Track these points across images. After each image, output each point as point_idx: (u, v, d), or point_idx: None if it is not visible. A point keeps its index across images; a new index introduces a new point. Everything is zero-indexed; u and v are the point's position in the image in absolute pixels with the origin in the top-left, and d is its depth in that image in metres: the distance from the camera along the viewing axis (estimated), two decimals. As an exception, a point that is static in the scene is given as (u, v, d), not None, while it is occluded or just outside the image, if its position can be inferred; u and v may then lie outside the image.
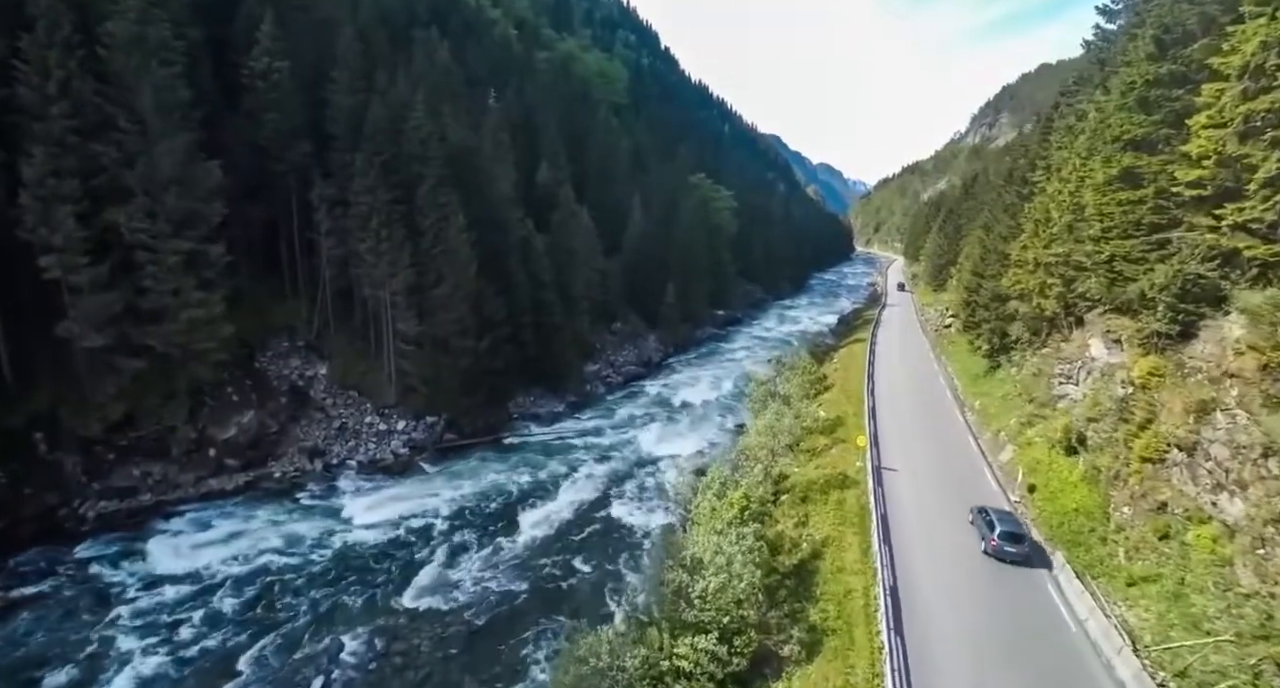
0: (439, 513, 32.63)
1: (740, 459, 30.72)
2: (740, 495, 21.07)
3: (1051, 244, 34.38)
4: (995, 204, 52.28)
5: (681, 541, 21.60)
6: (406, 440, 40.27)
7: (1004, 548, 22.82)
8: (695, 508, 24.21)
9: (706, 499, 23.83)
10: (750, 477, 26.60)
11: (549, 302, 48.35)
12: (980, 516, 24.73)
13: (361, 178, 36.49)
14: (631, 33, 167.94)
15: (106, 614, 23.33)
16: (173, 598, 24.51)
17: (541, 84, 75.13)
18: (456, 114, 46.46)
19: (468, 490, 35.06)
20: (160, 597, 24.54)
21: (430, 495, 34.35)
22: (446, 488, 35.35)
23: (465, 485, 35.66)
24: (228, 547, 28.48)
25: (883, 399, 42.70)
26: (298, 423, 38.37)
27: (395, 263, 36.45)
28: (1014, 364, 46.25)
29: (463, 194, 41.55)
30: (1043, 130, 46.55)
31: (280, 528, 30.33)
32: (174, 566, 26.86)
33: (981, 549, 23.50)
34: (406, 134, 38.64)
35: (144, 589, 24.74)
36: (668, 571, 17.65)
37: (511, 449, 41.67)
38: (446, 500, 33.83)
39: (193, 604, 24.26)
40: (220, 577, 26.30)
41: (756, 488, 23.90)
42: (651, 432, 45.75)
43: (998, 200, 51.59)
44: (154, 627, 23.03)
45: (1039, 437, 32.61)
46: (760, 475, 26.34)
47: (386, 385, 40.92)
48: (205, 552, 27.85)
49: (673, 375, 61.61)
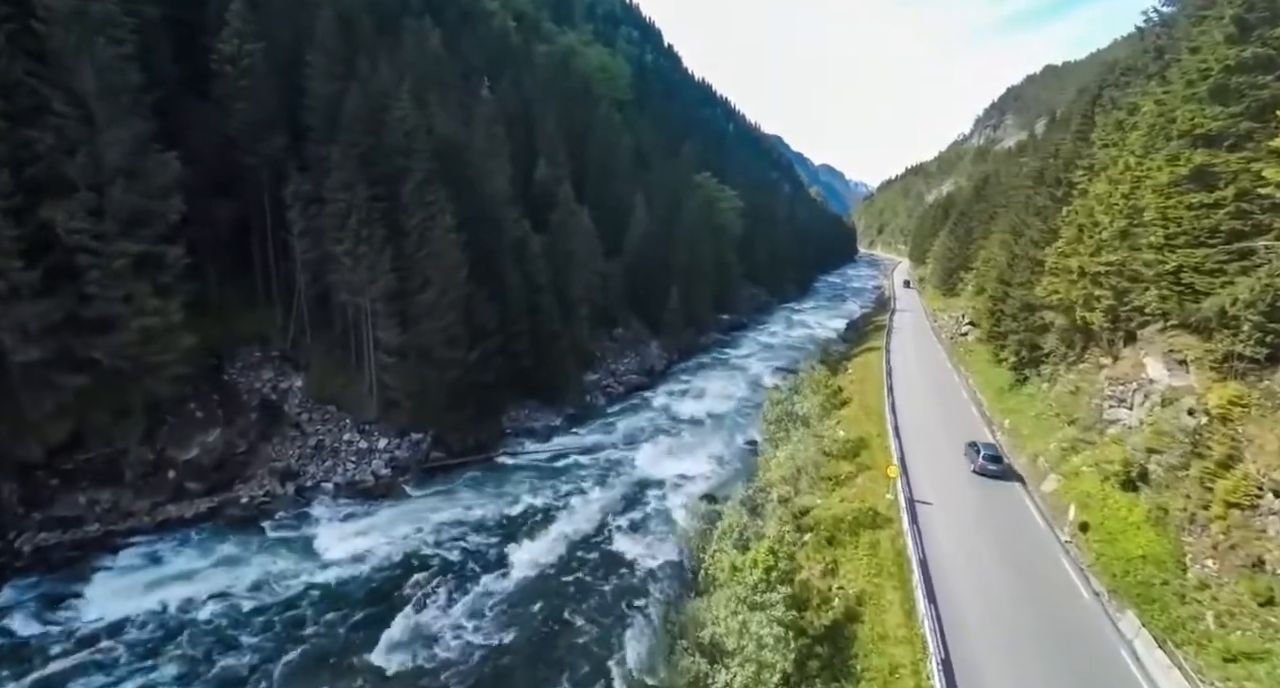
0: (420, 546, 29.32)
1: (758, 496, 27.37)
2: (765, 552, 17.79)
3: (1100, 251, 31.09)
4: (1023, 207, 48.95)
5: (696, 609, 18.33)
6: (389, 460, 36.94)
7: (987, 467, 30.66)
8: (711, 559, 20.91)
9: (724, 549, 20.57)
10: (773, 521, 23.26)
11: (546, 307, 45.04)
12: (970, 447, 32.46)
13: (338, 172, 33.19)
14: (634, 29, 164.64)
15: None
16: (103, 658, 21.17)
17: (540, 77, 71.78)
18: (447, 105, 43.14)
19: (453, 519, 31.74)
20: (87, 655, 21.19)
21: (412, 525, 31.03)
22: (430, 515, 32.04)
23: (451, 513, 32.35)
24: (178, 588, 25.13)
25: (905, 417, 39.39)
26: (269, 441, 35.03)
27: (375, 266, 33.12)
28: (1045, 379, 43.01)
29: (452, 191, 38.21)
30: (1078, 127, 43.19)
31: (241, 565, 27.01)
32: (112, 611, 23.52)
33: (971, 469, 31.12)
34: (389, 125, 35.31)
35: (68, 648, 21.37)
36: (683, 654, 14.41)
37: (504, 469, 38.36)
38: (429, 531, 30.52)
39: (124, 667, 20.90)
40: (163, 628, 22.96)
41: (782, 540, 20.53)
42: (655, 449, 42.45)
43: (1026, 203, 48.27)
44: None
45: (1088, 466, 29.31)
46: (784, 520, 22.99)
47: (368, 399, 37.61)
48: (151, 596, 24.50)
49: (677, 385, 58.31)
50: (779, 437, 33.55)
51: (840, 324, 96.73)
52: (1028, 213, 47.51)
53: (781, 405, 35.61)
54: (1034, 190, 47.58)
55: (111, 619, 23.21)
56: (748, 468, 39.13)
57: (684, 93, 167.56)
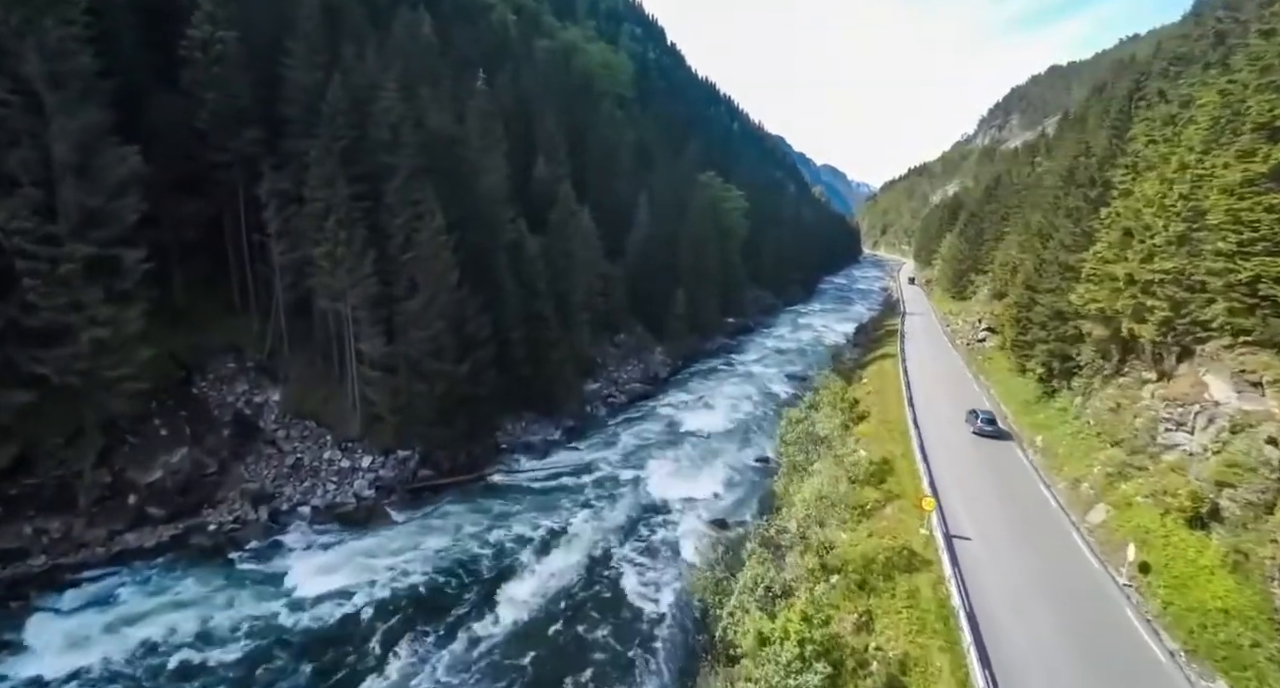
0: (402, 581, 26.50)
1: (779, 535, 24.51)
2: (798, 619, 14.94)
3: (1153, 258, 28.23)
4: (1050, 208, 46.07)
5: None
6: (373, 480, 34.15)
7: (984, 429, 35.80)
8: (731, 620, 18.03)
9: (746, 608, 17.74)
10: (799, 569, 20.40)
11: (544, 314, 42.25)
12: (970, 413, 37.37)
13: (317, 168, 30.42)
14: (637, 26, 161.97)
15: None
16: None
17: (540, 72, 69.03)
18: (440, 99, 40.34)
19: (440, 549, 28.93)
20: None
21: (394, 556, 28.22)
22: (415, 545, 29.23)
23: (438, 541, 29.54)
24: (128, 634, 22.34)
25: (930, 435, 36.53)
26: (242, 460, 32.27)
27: (356, 271, 30.34)
28: (1076, 392, 40.12)
29: (443, 190, 35.44)
30: (1113, 123, 40.32)
31: (201, 605, 24.20)
32: (52, 666, 20.77)
33: (971, 431, 36.21)
34: (374, 118, 32.53)
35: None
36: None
37: (497, 490, 35.54)
38: (413, 564, 27.70)
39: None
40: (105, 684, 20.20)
41: (816, 603, 17.66)
42: (660, 467, 39.64)
43: (1054, 204, 45.37)
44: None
45: (1143, 497, 26.46)
46: (814, 572, 20.13)
47: (351, 414, 34.83)
48: (97, 646, 21.71)
49: (681, 393, 55.46)
50: (798, 460, 30.69)
51: (848, 328, 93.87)
52: (1056, 214, 44.61)
53: (801, 425, 32.71)
54: (1063, 191, 44.67)
55: (52, 675, 20.44)
56: (759, 489, 36.38)
57: (687, 91, 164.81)
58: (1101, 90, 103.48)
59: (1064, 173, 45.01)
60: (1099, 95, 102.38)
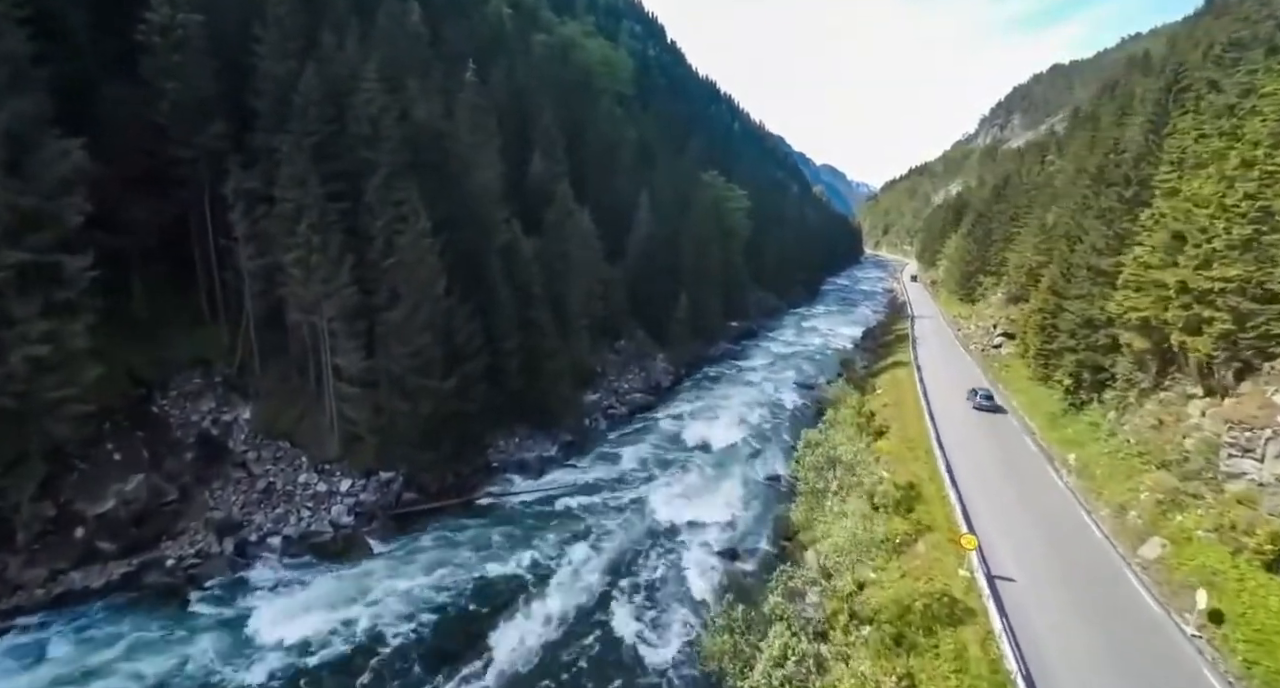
0: (380, 628, 23.67)
1: (804, 586, 21.73)
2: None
3: (1211, 264, 25.52)
4: (1078, 209, 43.35)
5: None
6: (352, 505, 31.33)
7: (982, 403, 41.24)
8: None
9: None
10: (837, 641, 17.62)
11: (539, 322, 39.44)
12: (971, 392, 42.80)
13: (288, 166, 27.60)
14: (636, 24, 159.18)
15: None
16: None
17: (537, 66, 66.20)
18: (427, 92, 37.52)
19: (421, 587, 26.09)
20: None
21: (372, 594, 25.42)
22: (396, 581, 26.41)
23: (419, 578, 26.71)
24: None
25: (956, 456, 33.84)
26: (207, 486, 29.43)
27: (331, 279, 27.52)
28: (1109, 406, 37.47)
29: (430, 188, 32.67)
30: (1150, 118, 37.61)
31: (146, 657, 21.39)
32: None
33: (971, 406, 41.53)
34: (354, 110, 29.71)
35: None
36: None
37: (487, 515, 32.74)
38: (391, 605, 24.88)
39: None
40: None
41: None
42: (664, 487, 36.89)
43: (1083, 205, 42.66)
44: None
45: (1205, 531, 23.79)
46: (849, 630, 17.37)
47: (328, 434, 32.01)
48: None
49: (685, 404, 52.68)
50: (818, 487, 27.95)
51: (854, 331, 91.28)
52: (1084, 215, 41.92)
53: (821, 449, 29.90)
54: (1091, 190, 41.95)
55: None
56: (771, 511, 33.66)
57: (688, 89, 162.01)
58: (1114, 88, 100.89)
59: (1092, 172, 42.22)
60: (1111, 93, 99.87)
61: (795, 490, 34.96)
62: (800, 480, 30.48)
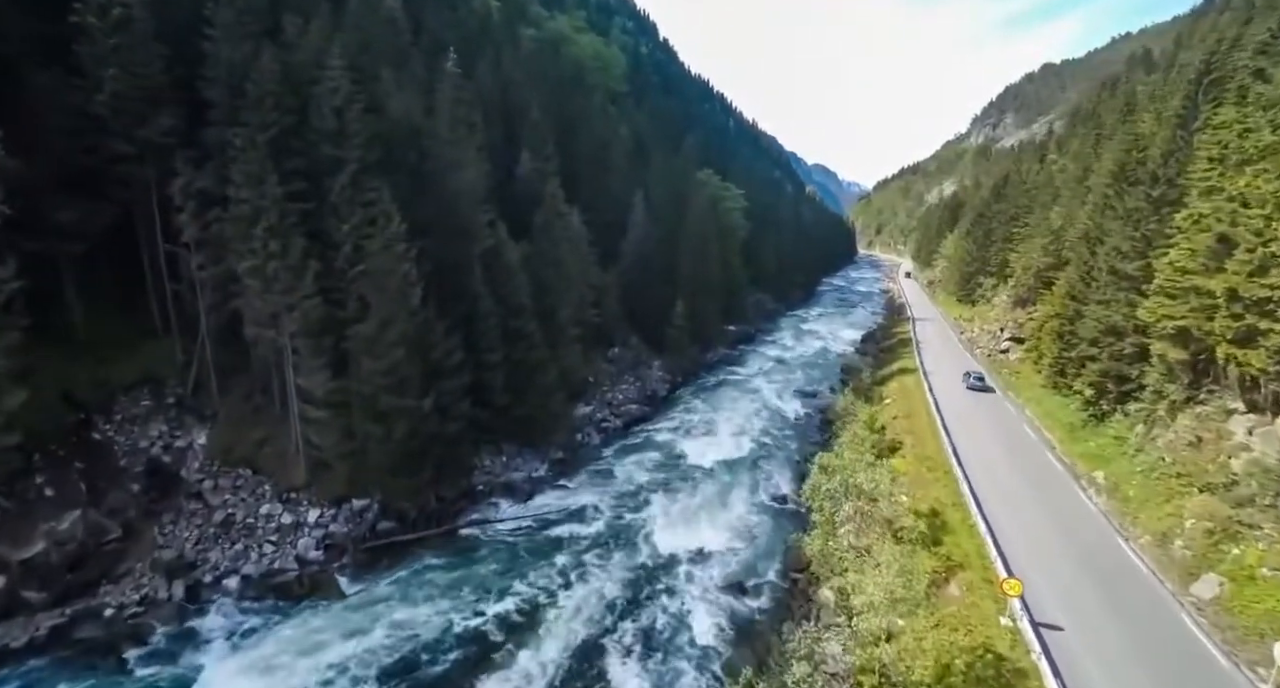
0: (345, 684, 20.86)
1: (825, 632, 19.07)
2: None
3: (1269, 270, 23.13)
4: (1098, 209, 41.03)
5: None
6: (321, 538, 28.38)
7: (975, 384, 47.09)
8: None
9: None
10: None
11: (527, 332, 36.61)
12: (965, 375, 48.59)
13: (243, 163, 24.61)
14: (629, 19, 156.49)
15: None
16: None
17: (526, 61, 63.28)
18: (404, 84, 34.60)
19: (395, 635, 23.21)
20: None
21: (340, 644, 22.54)
22: (367, 627, 23.53)
23: (393, 624, 23.81)
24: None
25: (978, 476, 31.38)
26: (157, 520, 26.41)
27: (292, 289, 24.57)
28: (1135, 419, 35.13)
29: (405, 189, 29.80)
30: (1179, 112, 35.28)
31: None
32: None
33: (965, 386, 47.30)
34: (317, 101, 26.74)
35: None
36: None
37: (471, 546, 29.90)
38: (361, 657, 22.03)
39: None
40: None
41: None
42: (663, 510, 34.21)
43: (1103, 204, 40.32)
44: None
45: (1270, 568, 21.37)
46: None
47: (294, 459, 29.04)
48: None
49: (683, 415, 49.96)
50: (833, 516, 25.33)
51: (854, 334, 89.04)
52: (1106, 216, 39.59)
53: (837, 477, 27.20)
54: (1112, 189, 39.61)
55: None
56: (779, 537, 31.08)
57: (681, 87, 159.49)
58: (1114, 85, 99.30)
59: (1112, 169, 39.87)
60: (1112, 90, 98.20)
61: (805, 512, 32.47)
62: (814, 509, 27.82)
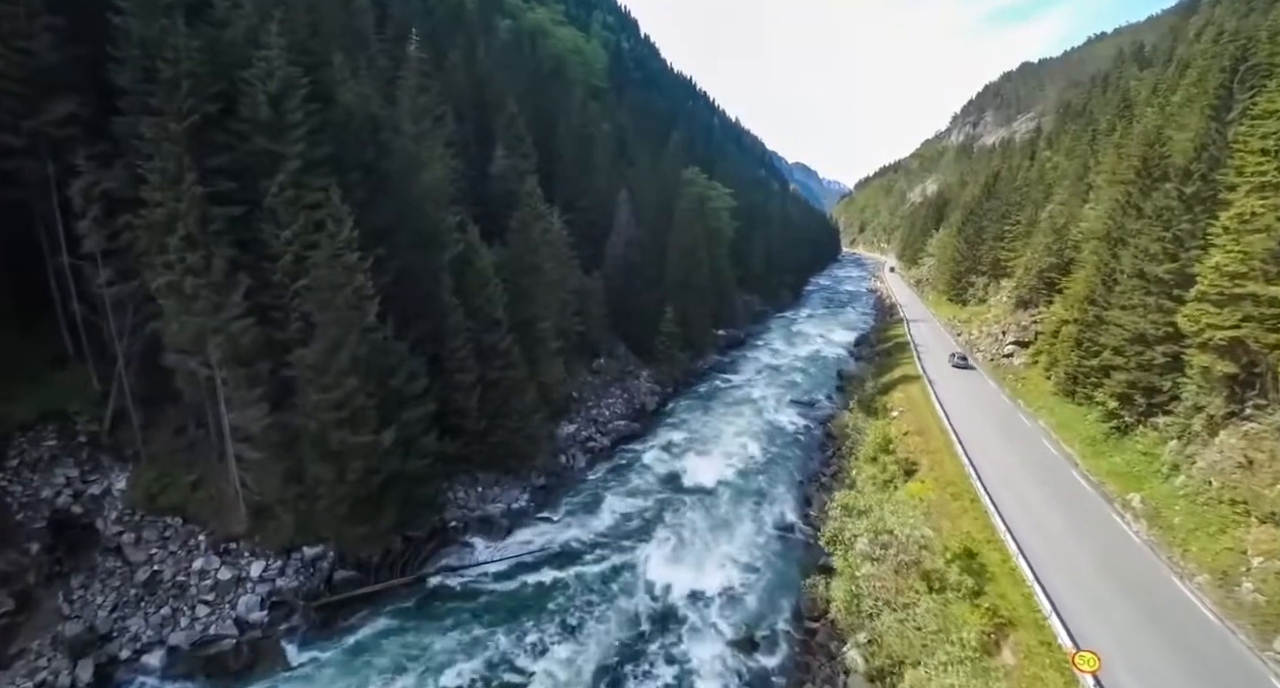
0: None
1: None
2: None
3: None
4: (1118, 207, 38.36)
5: None
6: (267, 594, 24.36)
7: (958, 362, 54.78)
8: None
9: None
10: None
11: (503, 348, 32.86)
12: (950, 355, 56.86)
13: (158, 158, 20.57)
14: (609, 14, 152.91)
15: None
16: None
17: (501, 51, 59.37)
18: (360, 70, 30.63)
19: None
20: None
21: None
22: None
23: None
24: None
25: (1005, 500, 28.43)
26: (63, 585, 22.26)
27: (217, 309, 20.58)
28: (1168, 434, 32.48)
29: (361, 189, 25.91)
30: (1213, 102, 32.64)
31: None
32: None
33: (951, 364, 54.65)
34: (250, 85, 22.72)
35: None
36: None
37: (441, 598, 26.10)
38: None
39: None
40: None
41: None
42: (657, 544, 30.79)
43: (1124, 202, 37.65)
44: None
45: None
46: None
47: (233, 504, 25.00)
48: None
49: (675, 431, 46.52)
50: (854, 560, 22.00)
51: (846, 337, 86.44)
52: (1130, 216, 36.92)
53: (866, 520, 23.80)
54: (1136, 186, 36.95)
55: None
56: (787, 574, 27.85)
57: (664, 84, 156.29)
58: (1105, 80, 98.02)
59: (1135, 165, 37.20)
60: (1103, 85, 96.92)
61: (812, 542, 29.32)
62: (834, 554, 24.47)
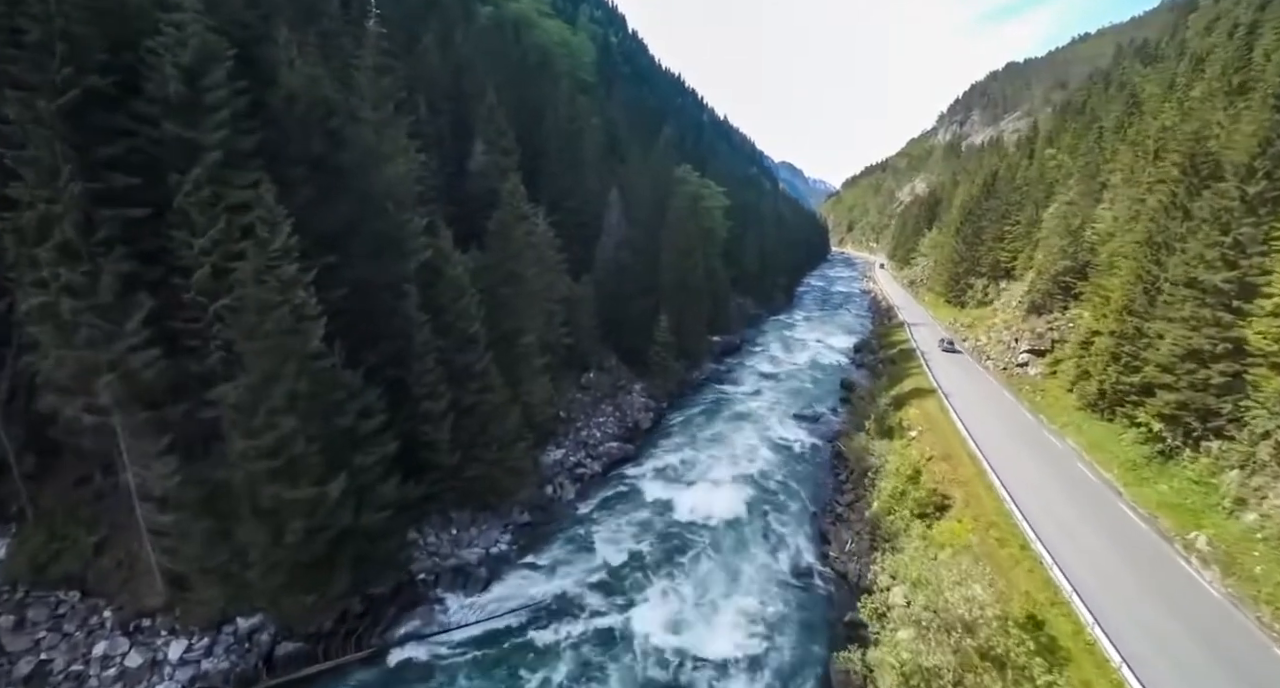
0: None
1: None
2: None
3: None
4: (1162, 209, 34.93)
5: None
6: (189, 680, 19.91)
7: (946, 347, 60.98)
8: None
9: None
10: None
11: (480, 369, 28.55)
12: (939, 341, 63.26)
13: (31, 148, 16.07)
14: (596, 8, 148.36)
15: None
16: None
17: (481, 38, 54.87)
18: (308, 48, 26.11)
19: None
20: None
21: None
22: None
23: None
24: None
25: (1064, 555, 24.62)
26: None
27: (107, 339, 16.12)
28: (1221, 461, 29.22)
29: (307, 187, 21.51)
30: (1276, 89, 29.23)
31: None
32: None
33: (941, 349, 60.88)
34: (157, 56, 18.24)
35: None
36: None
37: (405, 675, 21.80)
38: None
39: None
40: None
41: None
42: (656, 596, 26.81)
43: (1169, 205, 34.21)
44: None
45: None
46: None
47: (146, 573, 20.48)
48: None
49: (671, 453, 42.44)
50: (893, 630, 18.11)
51: (844, 342, 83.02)
52: (1175, 219, 33.51)
53: (924, 593, 19.84)
54: (1183, 186, 33.53)
55: None
56: (807, 639, 23.98)
57: (653, 81, 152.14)
58: (1106, 77, 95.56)
59: (1183, 162, 33.78)
60: (1104, 82, 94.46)
61: (834, 591, 25.53)
62: (873, 629, 20.50)
